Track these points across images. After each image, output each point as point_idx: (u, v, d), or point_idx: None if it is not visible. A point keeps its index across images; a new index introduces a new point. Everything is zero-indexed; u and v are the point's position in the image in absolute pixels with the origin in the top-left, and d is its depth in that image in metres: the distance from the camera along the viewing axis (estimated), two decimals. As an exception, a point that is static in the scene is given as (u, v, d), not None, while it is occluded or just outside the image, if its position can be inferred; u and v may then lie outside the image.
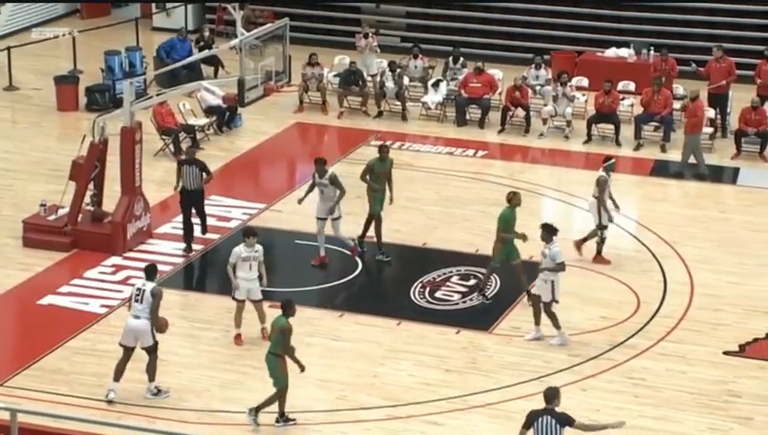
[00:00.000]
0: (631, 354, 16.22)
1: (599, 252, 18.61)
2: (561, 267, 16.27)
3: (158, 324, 14.94)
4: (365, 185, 18.81)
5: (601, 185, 18.46)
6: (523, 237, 17.28)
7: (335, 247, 18.99)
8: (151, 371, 15.07)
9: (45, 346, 16.18)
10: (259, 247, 16.28)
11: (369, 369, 15.82)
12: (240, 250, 16.16)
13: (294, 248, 19.29)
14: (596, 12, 28.29)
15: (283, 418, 14.56)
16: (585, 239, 18.78)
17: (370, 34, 26.29)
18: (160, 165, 22.09)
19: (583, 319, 17.04)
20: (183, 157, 19.62)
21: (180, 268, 18.57)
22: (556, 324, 16.27)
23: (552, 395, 12.32)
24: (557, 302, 16.25)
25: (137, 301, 14.94)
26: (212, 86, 21.32)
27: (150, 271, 15.22)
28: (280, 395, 14.44)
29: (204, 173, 18.83)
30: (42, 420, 12.74)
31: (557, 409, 12.26)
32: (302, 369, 14.43)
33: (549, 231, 16.30)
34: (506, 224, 17.38)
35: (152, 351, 15.03)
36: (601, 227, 18.52)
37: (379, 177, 18.73)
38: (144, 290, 14.92)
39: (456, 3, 28.98)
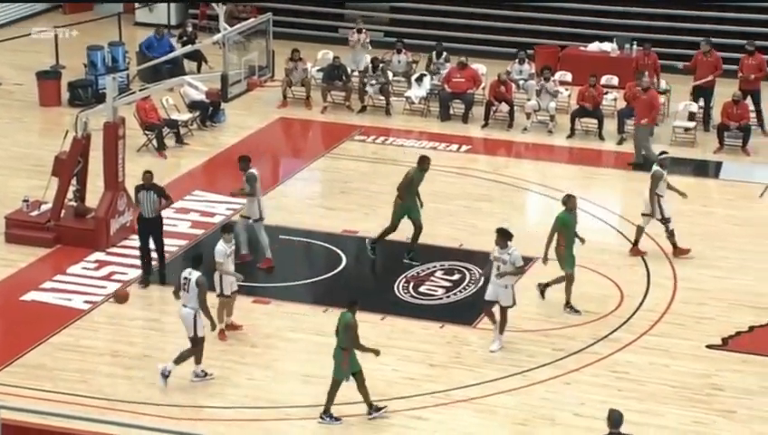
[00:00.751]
0: (615, 348, 16.26)
1: (673, 245, 18.52)
2: (521, 271, 16.24)
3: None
4: (344, 182, 18.67)
5: (655, 180, 18.45)
6: (582, 241, 17.22)
7: (319, 242, 19.01)
8: (196, 356, 15.21)
9: (28, 342, 16.12)
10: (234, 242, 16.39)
11: (354, 364, 15.81)
12: (224, 248, 16.12)
13: (279, 243, 19.26)
14: (580, 6, 28.34)
15: (327, 414, 14.58)
16: (636, 242, 18.70)
17: (364, 30, 26.24)
18: (144, 160, 22.04)
19: (567, 313, 17.07)
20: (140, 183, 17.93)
21: (165, 264, 18.50)
22: (502, 329, 16.06)
23: (618, 419, 12.17)
24: (515, 305, 16.12)
25: (184, 289, 15.07)
26: (195, 81, 21.30)
27: (196, 260, 15.36)
28: (333, 386, 14.53)
29: (162, 199, 17.71)
30: (25, 417, 12.70)
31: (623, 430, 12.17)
32: (377, 353, 14.72)
33: (505, 236, 15.92)
34: (568, 229, 17.07)
35: (195, 343, 15.12)
36: (665, 221, 18.47)
37: (415, 187, 18.49)
38: (190, 279, 15.00)
39: (439, -3, 29.00)
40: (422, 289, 17.82)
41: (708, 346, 16.28)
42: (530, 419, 14.69)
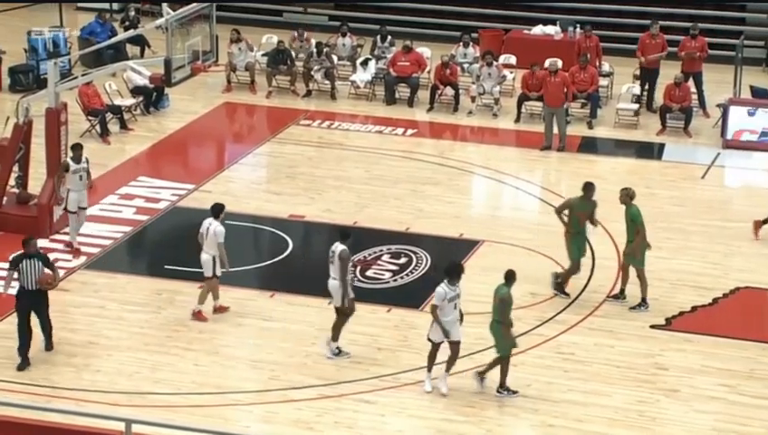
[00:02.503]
0: (560, 329, 16.39)
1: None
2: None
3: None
4: (289, 167, 18.58)
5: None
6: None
7: (265, 227, 18.99)
8: (335, 330, 15.42)
9: (-29, 331, 15.94)
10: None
11: (301, 349, 15.82)
12: (223, 229, 16.27)
13: (225, 229, 19.16)
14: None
15: (503, 388, 14.67)
16: (766, 221, 18.75)
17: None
18: (87, 146, 21.74)
19: (516, 295, 17.15)
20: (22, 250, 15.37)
21: (109, 250, 18.39)
22: (450, 367, 14.92)
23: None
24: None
25: (330, 262, 15.29)
26: (138, 66, 21.09)
27: (344, 235, 15.61)
28: (501, 361, 14.61)
29: (48, 269, 15.25)
30: (-32, 406, 12.56)
31: None
32: (514, 344, 14.75)
33: (459, 272, 14.71)
34: (641, 221, 16.72)
35: (340, 312, 15.36)
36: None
37: (579, 219, 17.08)
38: (335, 252, 15.25)
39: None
40: (369, 273, 17.84)
41: (652, 326, 16.46)
42: (477, 401, 14.77)
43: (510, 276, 14.82)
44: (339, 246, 15.38)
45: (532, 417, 14.47)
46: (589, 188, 17.19)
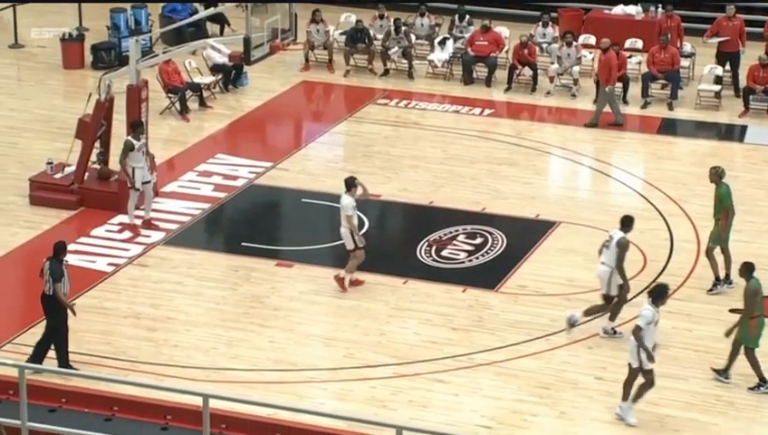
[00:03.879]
0: (637, 313, 16.19)
1: None
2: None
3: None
4: (366, 146, 18.62)
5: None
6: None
7: (336, 205, 19.07)
8: (612, 312, 15.50)
9: (53, 304, 16.21)
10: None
11: (376, 327, 15.87)
12: (351, 201, 16.42)
13: (301, 207, 19.29)
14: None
15: (764, 382, 14.51)
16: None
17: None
18: (166, 123, 22.07)
19: (590, 277, 17.00)
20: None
21: (187, 227, 18.59)
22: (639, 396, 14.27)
23: None
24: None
25: (605, 247, 15.29)
26: (218, 44, 21.25)
27: (625, 221, 15.51)
28: (749, 355, 14.43)
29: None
30: (50, 378, 12.81)
31: None
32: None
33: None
34: (731, 201, 16.56)
35: (607, 300, 15.43)
36: None
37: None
38: (613, 238, 15.26)
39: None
40: (444, 253, 17.82)
41: (732, 310, 16.22)
42: (552, 383, 14.71)
43: (747, 268, 14.58)
44: (617, 233, 15.32)
45: (606, 400, 14.37)
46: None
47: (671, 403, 14.31)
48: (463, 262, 17.64)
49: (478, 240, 18.16)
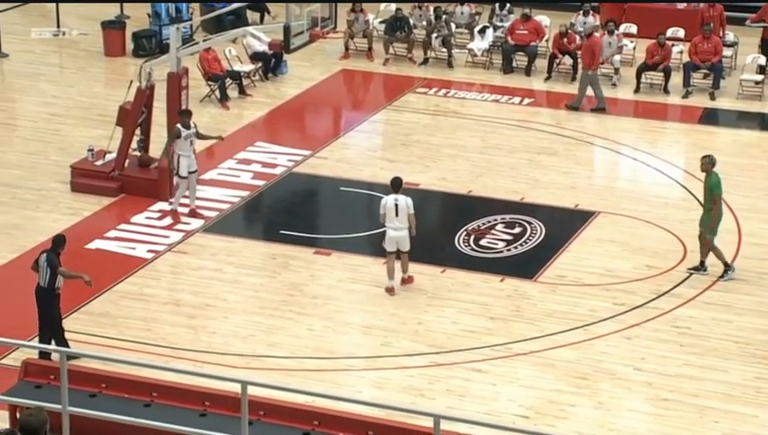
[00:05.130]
0: (677, 303, 16.15)
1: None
2: None
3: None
4: (405, 135, 18.62)
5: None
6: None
7: (380, 194, 19.06)
8: None
9: (93, 290, 16.31)
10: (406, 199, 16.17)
11: (413, 316, 15.88)
12: (389, 200, 16.07)
13: (340, 195, 19.32)
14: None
15: None
16: None
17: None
18: (206, 111, 22.16)
19: (629, 268, 16.98)
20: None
21: (226, 214, 18.67)
22: None
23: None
24: None
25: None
26: (258, 32, 21.30)
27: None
28: None
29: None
30: (91, 363, 12.90)
31: None
32: None
33: None
34: (720, 191, 16.50)
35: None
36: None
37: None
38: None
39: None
40: (483, 242, 17.80)
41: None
42: (590, 373, 14.67)
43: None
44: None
45: (645, 390, 14.32)
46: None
47: (711, 395, 14.23)
48: (501, 251, 17.60)
49: (517, 230, 18.12)
